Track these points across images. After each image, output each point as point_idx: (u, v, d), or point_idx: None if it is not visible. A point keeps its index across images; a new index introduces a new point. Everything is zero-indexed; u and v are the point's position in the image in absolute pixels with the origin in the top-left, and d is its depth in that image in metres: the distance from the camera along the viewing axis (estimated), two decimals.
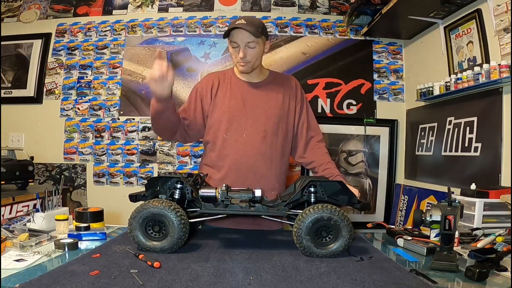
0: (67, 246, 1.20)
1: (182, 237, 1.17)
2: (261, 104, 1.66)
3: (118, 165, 2.98)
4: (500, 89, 1.86)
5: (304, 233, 1.16)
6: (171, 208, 1.16)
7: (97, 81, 3.03)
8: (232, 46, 1.62)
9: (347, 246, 1.17)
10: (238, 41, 1.58)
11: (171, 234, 1.16)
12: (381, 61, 2.98)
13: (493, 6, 1.91)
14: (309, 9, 3.04)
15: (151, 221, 1.18)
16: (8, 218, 2.02)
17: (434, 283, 0.96)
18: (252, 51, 1.59)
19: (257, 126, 1.63)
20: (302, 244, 1.17)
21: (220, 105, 1.67)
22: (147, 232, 1.19)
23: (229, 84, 1.71)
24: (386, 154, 2.90)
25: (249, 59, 1.60)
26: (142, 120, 2.99)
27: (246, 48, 1.58)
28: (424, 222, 1.15)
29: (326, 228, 1.18)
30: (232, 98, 1.67)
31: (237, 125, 1.63)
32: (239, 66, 1.64)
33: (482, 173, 1.95)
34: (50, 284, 0.89)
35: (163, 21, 3.05)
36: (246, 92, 1.68)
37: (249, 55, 1.59)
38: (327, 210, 1.16)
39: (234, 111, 1.65)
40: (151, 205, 1.17)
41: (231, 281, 0.94)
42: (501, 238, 1.26)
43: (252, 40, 1.57)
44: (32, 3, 3.14)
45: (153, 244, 1.18)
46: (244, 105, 1.65)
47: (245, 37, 1.56)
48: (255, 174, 1.61)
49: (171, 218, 1.16)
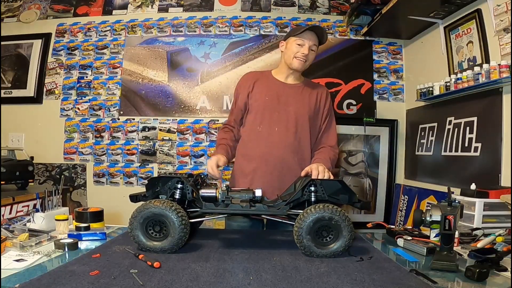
0: (67, 246, 1.20)
1: (183, 237, 1.18)
2: (294, 103, 1.76)
3: (118, 165, 2.98)
4: (500, 89, 1.86)
5: (305, 232, 1.16)
6: (172, 208, 1.16)
7: (97, 81, 3.03)
8: (297, 43, 1.72)
9: (347, 246, 1.17)
10: (306, 41, 1.70)
11: (171, 235, 1.16)
12: (381, 61, 2.98)
13: (493, 6, 1.91)
14: (309, 9, 3.04)
15: (152, 221, 1.19)
16: (8, 218, 2.01)
17: (434, 283, 0.96)
18: (312, 53, 1.74)
19: (289, 122, 1.73)
20: (302, 243, 1.17)
21: (256, 99, 1.78)
22: (148, 232, 1.19)
23: (267, 81, 1.82)
24: (386, 154, 2.89)
25: (308, 58, 1.73)
26: (142, 120, 2.99)
27: (309, 48, 1.71)
28: (424, 222, 1.15)
29: (327, 228, 1.18)
30: (268, 94, 1.77)
31: (270, 119, 1.74)
32: (296, 60, 1.72)
33: (482, 173, 1.95)
34: (50, 284, 0.89)
35: (163, 21, 3.05)
36: (282, 90, 1.78)
37: (309, 55, 1.72)
38: (328, 210, 1.16)
39: (268, 105, 1.75)
40: (152, 205, 1.17)
41: (231, 281, 0.94)
42: (501, 238, 1.26)
43: (316, 44, 1.73)
44: (32, 3, 3.14)
45: (154, 244, 1.18)
46: (278, 101, 1.76)
47: (313, 39, 1.71)
48: (282, 167, 1.69)
49: (172, 218, 1.16)
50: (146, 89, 3.00)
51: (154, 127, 2.98)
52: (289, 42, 1.76)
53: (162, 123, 2.98)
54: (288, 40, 1.78)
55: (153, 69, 3.00)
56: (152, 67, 3.00)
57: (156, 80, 3.00)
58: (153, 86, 3.00)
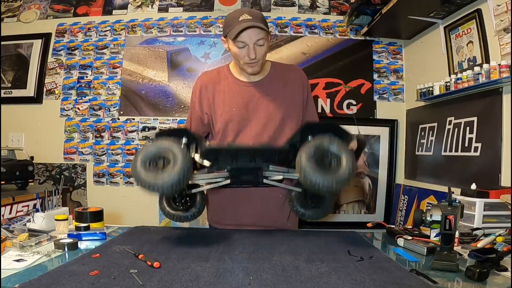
0: (67, 246, 1.20)
1: (185, 171, 1.13)
2: (265, 106, 1.53)
3: (118, 165, 2.98)
4: (500, 89, 1.86)
5: (307, 157, 1.13)
6: (176, 143, 1.18)
7: (97, 81, 3.03)
8: (237, 46, 1.43)
9: (352, 174, 1.13)
10: (247, 40, 1.41)
11: (174, 167, 1.12)
12: (381, 61, 2.98)
13: (493, 6, 1.91)
14: (309, 9, 3.04)
15: (155, 157, 1.17)
16: (8, 218, 2.01)
17: (434, 283, 0.96)
18: (261, 49, 1.44)
19: (263, 132, 1.51)
20: (305, 174, 1.11)
21: (220, 112, 1.53)
22: (149, 169, 1.16)
23: (226, 86, 1.56)
24: (386, 154, 2.89)
25: (259, 57, 1.45)
26: (142, 120, 2.98)
27: (255, 47, 1.42)
28: (425, 222, 1.15)
29: (327, 155, 1.17)
30: (233, 104, 1.52)
31: (242, 133, 1.52)
32: (248, 68, 1.48)
33: (482, 173, 1.95)
34: (50, 284, 0.89)
35: (163, 21, 3.05)
36: (248, 95, 1.53)
37: (259, 53, 1.44)
38: (326, 139, 1.17)
39: (237, 118, 1.51)
40: (158, 142, 1.19)
41: (231, 281, 0.94)
42: (501, 238, 1.26)
43: (262, 37, 1.41)
44: (32, 3, 3.14)
45: (154, 178, 1.12)
46: (247, 110, 1.52)
47: (254, 34, 1.40)
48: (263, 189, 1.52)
49: (175, 150, 1.15)
50: (146, 89, 2.99)
51: (154, 127, 2.98)
52: (229, 43, 1.46)
53: (162, 123, 2.98)
54: (227, 39, 1.47)
55: (153, 69, 3.00)
56: (152, 67, 3.00)
57: (156, 80, 3.00)
58: (153, 86, 3.00)
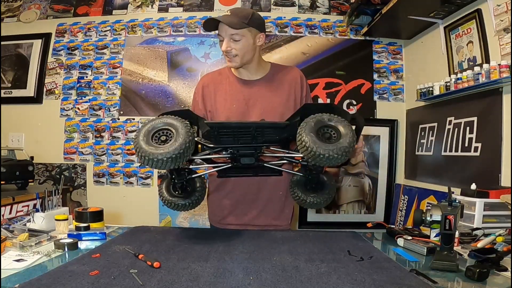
0: (67, 246, 1.20)
1: (187, 146, 1.13)
2: (264, 104, 1.59)
3: (118, 165, 2.98)
4: (500, 89, 1.86)
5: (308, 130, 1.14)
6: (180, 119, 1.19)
7: (97, 81, 3.03)
8: (219, 39, 1.53)
9: (352, 144, 1.14)
10: (222, 33, 1.49)
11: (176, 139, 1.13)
12: (381, 61, 2.98)
13: (493, 6, 1.91)
14: (309, 9, 3.04)
15: (159, 131, 1.18)
16: (8, 218, 2.02)
17: (434, 283, 0.96)
18: (237, 44, 1.49)
19: None
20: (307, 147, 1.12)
21: (221, 110, 1.59)
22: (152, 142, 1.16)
23: (227, 85, 1.63)
24: (386, 154, 2.89)
25: (235, 52, 1.50)
26: (142, 120, 2.98)
27: (230, 41, 1.49)
28: (425, 222, 1.15)
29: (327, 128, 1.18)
30: (234, 100, 1.59)
31: None
32: (226, 60, 1.56)
33: (482, 173, 1.95)
34: (50, 284, 0.89)
35: (163, 21, 3.05)
36: (247, 92, 1.60)
37: (234, 48, 1.49)
38: (325, 115, 1.19)
39: (237, 115, 1.57)
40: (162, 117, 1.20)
41: (231, 281, 0.94)
42: (501, 238, 1.26)
43: (236, 33, 1.47)
44: (32, 3, 3.14)
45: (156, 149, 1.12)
46: (247, 106, 1.58)
47: (227, 28, 1.47)
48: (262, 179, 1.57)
49: (178, 125, 1.16)
50: (146, 89, 2.99)
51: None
52: None
53: None
54: None
55: (153, 69, 3.00)
56: (152, 67, 3.00)
57: (156, 80, 3.00)
58: (153, 86, 3.00)
